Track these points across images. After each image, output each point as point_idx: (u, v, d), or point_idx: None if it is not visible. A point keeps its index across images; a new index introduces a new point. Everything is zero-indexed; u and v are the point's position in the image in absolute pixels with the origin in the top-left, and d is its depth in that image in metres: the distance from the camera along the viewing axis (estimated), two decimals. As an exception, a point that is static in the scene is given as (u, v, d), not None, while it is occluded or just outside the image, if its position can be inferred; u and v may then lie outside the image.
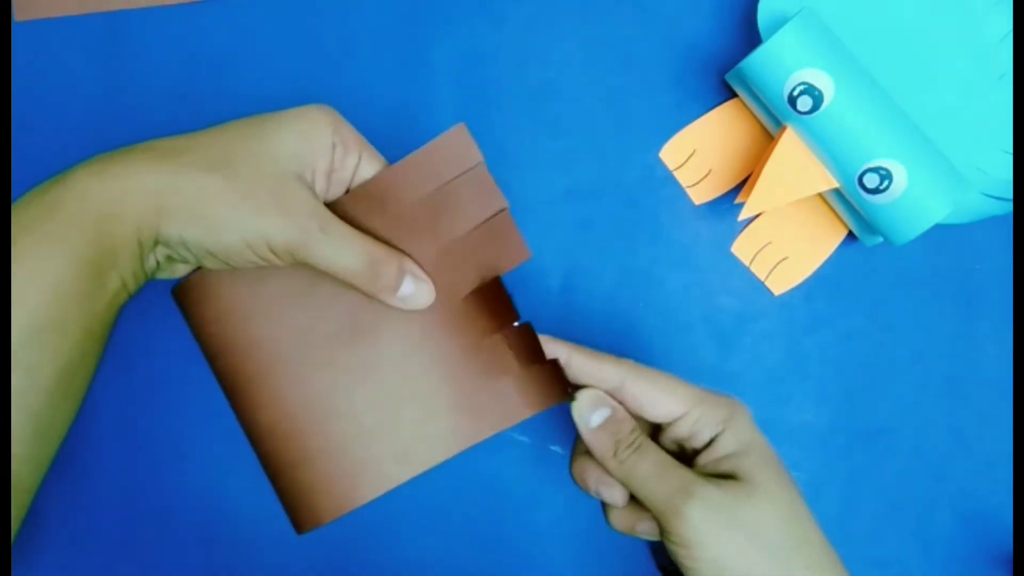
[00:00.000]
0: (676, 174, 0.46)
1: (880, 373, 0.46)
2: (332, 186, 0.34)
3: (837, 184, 0.41)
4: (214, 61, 0.46)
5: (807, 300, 0.46)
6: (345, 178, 0.34)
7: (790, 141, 0.41)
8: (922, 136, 0.40)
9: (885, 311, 0.46)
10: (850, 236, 0.46)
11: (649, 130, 0.46)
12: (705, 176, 0.46)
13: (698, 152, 0.46)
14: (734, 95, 0.46)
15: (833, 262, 0.46)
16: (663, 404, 0.35)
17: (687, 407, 0.34)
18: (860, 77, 0.40)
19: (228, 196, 0.31)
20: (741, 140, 0.46)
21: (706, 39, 0.46)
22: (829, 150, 0.40)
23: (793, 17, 0.40)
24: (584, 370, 0.35)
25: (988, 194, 0.42)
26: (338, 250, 0.33)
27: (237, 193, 0.31)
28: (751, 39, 0.45)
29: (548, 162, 0.46)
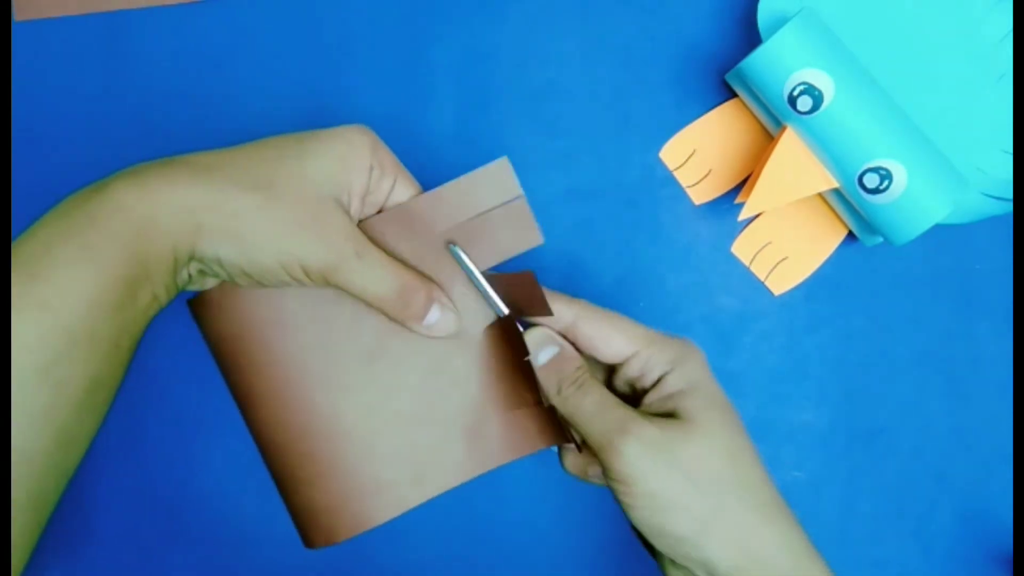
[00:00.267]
0: (676, 174, 0.46)
1: (880, 373, 0.46)
2: (365, 208, 0.34)
3: (837, 184, 0.41)
4: (214, 61, 0.46)
5: (807, 300, 0.46)
6: (379, 200, 0.35)
7: (790, 141, 0.41)
8: (922, 136, 0.40)
9: (885, 311, 0.46)
10: (850, 236, 0.46)
11: (649, 130, 0.46)
12: (705, 176, 0.46)
13: (698, 152, 0.46)
14: (734, 95, 0.46)
15: (833, 262, 0.46)
16: (614, 343, 0.35)
17: (637, 347, 0.34)
18: (860, 77, 0.40)
19: (266, 217, 0.31)
20: (741, 140, 0.46)
21: (706, 39, 0.46)
22: (829, 150, 0.40)
23: (793, 17, 0.40)
24: None
25: (988, 194, 0.42)
26: (371, 276, 0.33)
27: (276, 214, 0.31)
28: (751, 39, 0.45)
29: (548, 162, 0.46)
